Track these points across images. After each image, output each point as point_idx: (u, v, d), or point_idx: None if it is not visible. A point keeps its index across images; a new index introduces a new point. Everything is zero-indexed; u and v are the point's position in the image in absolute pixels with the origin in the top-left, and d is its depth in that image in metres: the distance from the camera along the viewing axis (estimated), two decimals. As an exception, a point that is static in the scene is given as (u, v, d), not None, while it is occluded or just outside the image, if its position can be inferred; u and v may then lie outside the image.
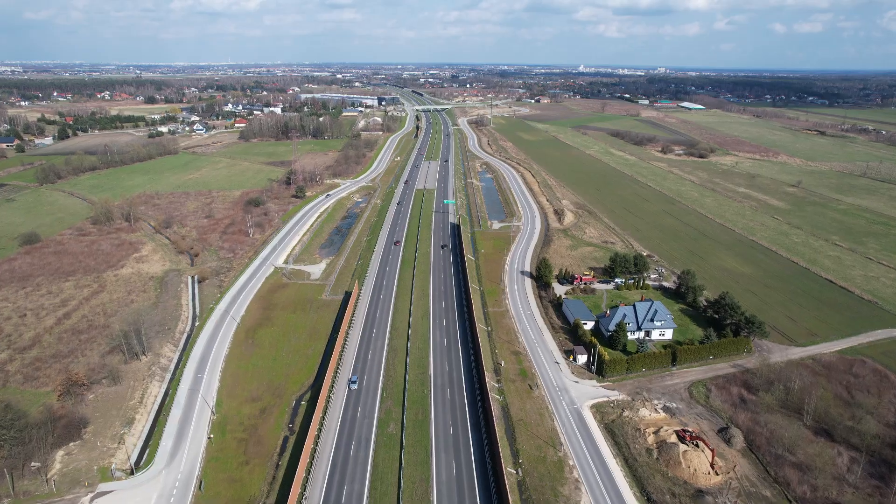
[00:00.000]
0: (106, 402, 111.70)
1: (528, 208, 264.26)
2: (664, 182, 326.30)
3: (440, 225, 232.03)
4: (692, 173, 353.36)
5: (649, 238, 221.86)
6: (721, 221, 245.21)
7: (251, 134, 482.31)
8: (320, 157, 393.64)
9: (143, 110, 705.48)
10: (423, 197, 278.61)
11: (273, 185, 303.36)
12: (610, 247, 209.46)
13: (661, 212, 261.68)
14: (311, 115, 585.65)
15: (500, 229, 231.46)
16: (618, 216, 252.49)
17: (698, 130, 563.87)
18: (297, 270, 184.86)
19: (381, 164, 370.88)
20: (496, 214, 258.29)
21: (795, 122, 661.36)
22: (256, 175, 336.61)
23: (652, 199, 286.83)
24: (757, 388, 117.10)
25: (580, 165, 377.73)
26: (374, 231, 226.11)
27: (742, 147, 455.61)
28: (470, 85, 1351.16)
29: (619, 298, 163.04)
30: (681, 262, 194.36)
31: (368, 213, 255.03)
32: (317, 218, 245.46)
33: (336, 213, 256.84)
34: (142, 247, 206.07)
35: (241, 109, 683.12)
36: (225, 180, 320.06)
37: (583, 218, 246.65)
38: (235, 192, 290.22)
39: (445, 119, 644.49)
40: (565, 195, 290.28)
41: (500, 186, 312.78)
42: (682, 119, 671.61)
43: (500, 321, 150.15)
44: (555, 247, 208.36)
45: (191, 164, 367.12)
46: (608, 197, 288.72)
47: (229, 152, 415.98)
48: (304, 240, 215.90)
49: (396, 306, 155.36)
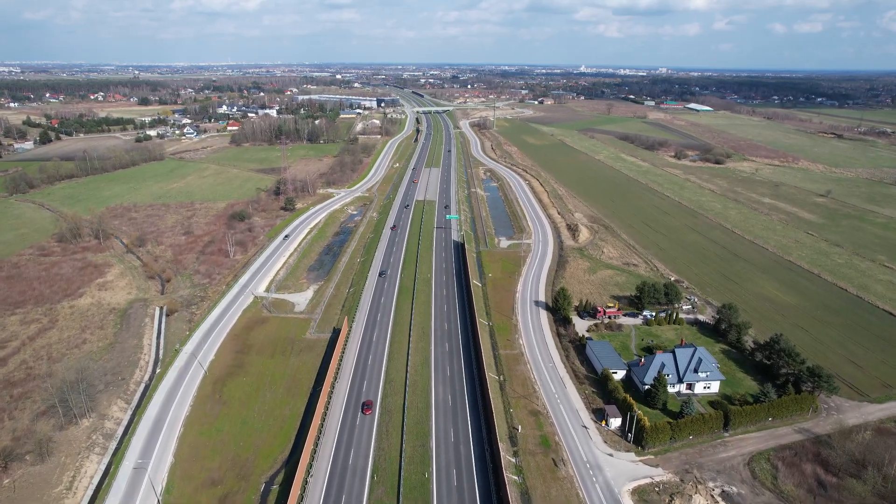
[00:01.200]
0: (23, 492, 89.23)
1: (539, 222, 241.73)
2: (682, 192, 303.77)
3: (442, 244, 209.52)
4: (710, 181, 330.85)
5: (674, 259, 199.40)
6: (751, 238, 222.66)
7: (243, 138, 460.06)
8: (314, 164, 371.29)
9: (134, 112, 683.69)
10: (424, 209, 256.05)
11: (261, 196, 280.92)
12: (632, 270, 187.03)
13: (683, 227, 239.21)
14: (307, 118, 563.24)
15: (509, 248, 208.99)
16: (637, 232, 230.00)
17: (710, 134, 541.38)
18: (279, 301, 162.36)
19: (379, 172, 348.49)
20: (503, 230, 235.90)
21: (808, 124, 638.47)
22: (244, 184, 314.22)
23: (672, 211, 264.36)
24: (838, 466, 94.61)
25: (590, 172, 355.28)
26: (368, 251, 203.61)
27: (758, 152, 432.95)
28: (471, 85, 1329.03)
29: (650, 337, 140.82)
30: (714, 289, 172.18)
31: (363, 229, 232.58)
32: (306, 234, 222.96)
33: (328, 228, 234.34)
34: (108, 270, 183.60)
35: (236, 111, 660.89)
36: (210, 190, 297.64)
37: (599, 234, 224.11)
38: (220, 204, 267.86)
39: (446, 121, 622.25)
40: (577, 207, 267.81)
41: (506, 197, 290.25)
42: (692, 121, 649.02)
43: (514, 368, 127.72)
44: (571, 270, 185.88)
45: (176, 172, 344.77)
46: (624, 209, 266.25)
47: (218, 158, 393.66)
48: (290, 261, 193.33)
49: (392, 350, 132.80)
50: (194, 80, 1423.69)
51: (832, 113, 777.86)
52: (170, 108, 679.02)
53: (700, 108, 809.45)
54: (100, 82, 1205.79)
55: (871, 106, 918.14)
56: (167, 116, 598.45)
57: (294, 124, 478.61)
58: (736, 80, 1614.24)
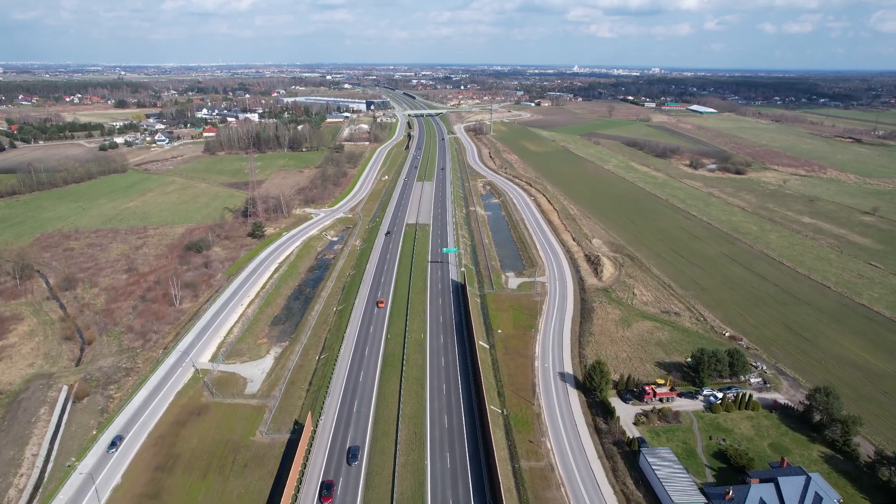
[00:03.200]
0: None
1: (551, 252, 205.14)
2: (708, 209, 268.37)
3: (438, 285, 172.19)
4: (736, 195, 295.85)
5: (721, 302, 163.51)
6: (804, 272, 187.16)
7: (218, 146, 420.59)
8: (293, 176, 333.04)
9: (108, 116, 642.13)
10: (416, 237, 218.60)
11: (227, 219, 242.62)
12: (675, 321, 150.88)
13: (721, 256, 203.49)
14: (290, 123, 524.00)
15: (520, 288, 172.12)
16: (669, 264, 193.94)
17: (721, 139, 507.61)
18: (227, 376, 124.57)
19: (365, 186, 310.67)
20: (511, 261, 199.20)
21: (821, 127, 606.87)
22: (211, 202, 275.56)
23: (702, 234, 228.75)
24: None
25: (602, 185, 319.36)
26: (348, 294, 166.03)
27: (779, 159, 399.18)
28: (464, 86, 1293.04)
29: (721, 432, 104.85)
30: (781, 349, 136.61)
31: (344, 263, 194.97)
32: (274, 271, 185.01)
33: (301, 262, 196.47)
34: (15, 326, 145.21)
35: (215, 115, 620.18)
36: (170, 211, 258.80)
37: (626, 268, 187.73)
38: (178, 229, 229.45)
39: (440, 126, 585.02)
40: (594, 230, 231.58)
41: (510, 217, 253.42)
42: (698, 125, 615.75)
43: (543, 495, 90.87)
44: (600, 322, 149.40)
45: (136, 187, 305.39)
46: (647, 232, 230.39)
47: (187, 170, 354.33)
48: (248, 312, 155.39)
49: (371, 468, 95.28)
50: (179, 82, 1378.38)
51: (840, 114, 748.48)
52: (143, 113, 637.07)
53: (704, 110, 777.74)
54: (78, 84, 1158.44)
55: (875, 107, 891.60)
56: (139, 121, 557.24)
57: (274, 130, 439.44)
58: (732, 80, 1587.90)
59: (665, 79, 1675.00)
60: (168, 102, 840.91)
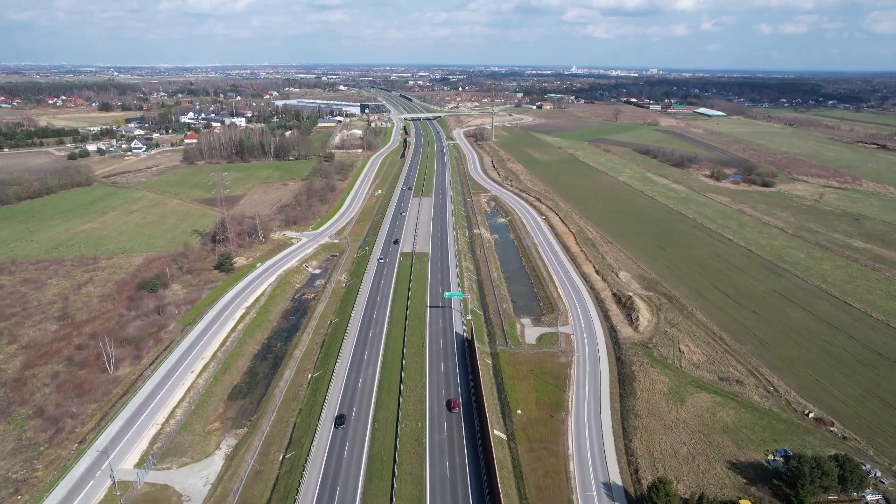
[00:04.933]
0: None
1: (573, 290, 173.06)
2: (743, 230, 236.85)
3: (439, 341, 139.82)
4: (770, 213, 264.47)
5: (791, 363, 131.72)
6: (881, 316, 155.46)
7: (198, 154, 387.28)
8: (276, 191, 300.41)
9: (88, 120, 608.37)
10: (413, 270, 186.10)
11: (194, 246, 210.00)
12: (739, 393, 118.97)
13: (772, 294, 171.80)
14: (278, 129, 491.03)
15: (540, 343, 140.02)
16: (714, 307, 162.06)
17: (737, 145, 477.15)
18: (156, 492, 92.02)
19: (356, 204, 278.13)
20: (525, 302, 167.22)
21: (838, 132, 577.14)
22: (180, 223, 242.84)
23: (744, 264, 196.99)
24: None
25: (619, 201, 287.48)
26: (327, 356, 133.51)
27: (805, 169, 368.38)
28: (462, 88, 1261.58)
29: None
30: (889, 438, 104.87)
31: (325, 306, 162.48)
32: (239, 319, 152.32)
33: (274, 304, 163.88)
34: None
35: (200, 120, 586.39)
36: (130, 234, 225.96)
37: (665, 313, 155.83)
38: (135, 259, 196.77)
39: (438, 131, 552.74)
40: (619, 259, 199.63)
41: (520, 242, 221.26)
42: (709, 129, 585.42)
43: None
44: (645, 395, 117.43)
45: (98, 205, 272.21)
46: (681, 261, 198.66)
47: (161, 182, 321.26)
48: (200, 383, 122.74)
49: None
50: (170, 83, 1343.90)
51: (853, 117, 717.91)
52: (122, 117, 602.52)
53: (712, 113, 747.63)
54: (64, 85, 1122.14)
55: (887, 109, 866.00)
56: (118, 126, 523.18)
57: (259, 137, 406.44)
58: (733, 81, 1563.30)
59: (665, 80, 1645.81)
60: (155, 105, 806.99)
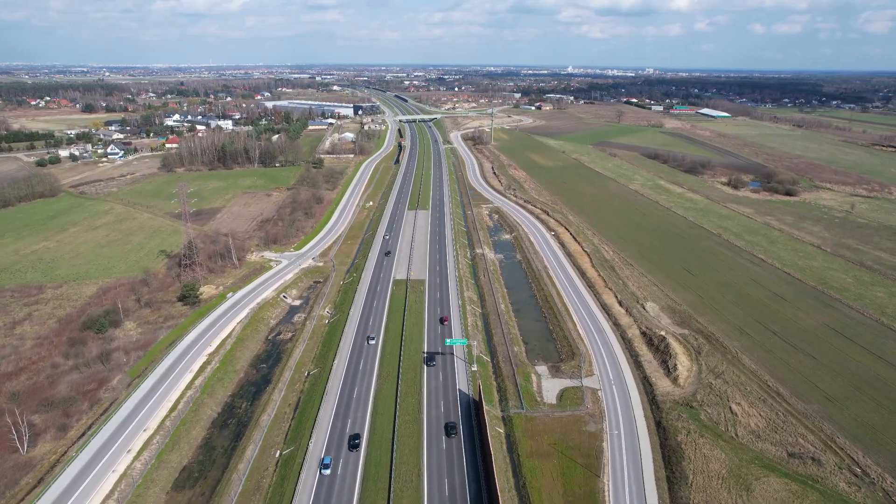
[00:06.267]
0: None
1: (594, 328, 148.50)
2: (774, 248, 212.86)
3: (439, 405, 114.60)
4: (800, 227, 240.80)
5: (873, 430, 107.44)
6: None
7: (178, 161, 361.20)
8: (258, 202, 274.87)
9: (68, 122, 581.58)
10: (407, 302, 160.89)
11: (158, 271, 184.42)
12: (818, 476, 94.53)
13: (825, 330, 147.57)
14: (266, 132, 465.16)
15: (562, 403, 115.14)
16: (762, 348, 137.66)
17: (749, 148, 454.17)
18: None
19: (344, 218, 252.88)
20: (538, 342, 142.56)
21: (850, 133, 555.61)
22: (147, 242, 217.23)
23: (784, 291, 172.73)
24: None
25: (633, 213, 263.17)
26: (301, 423, 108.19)
27: (826, 175, 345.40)
28: (458, 88, 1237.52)
29: None
30: None
31: (304, 350, 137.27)
32: (199, 370, 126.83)
33: (243, 348, 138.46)
34: None
35: (185, 123, 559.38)
36: (88, 256, 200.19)
37: (706, 358, 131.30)
38: (87, 288, 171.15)
39: (434, 134, 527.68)
40: (642, 286, 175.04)
41: (529, 264, 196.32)
42: (716, 131, 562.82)
43: None
44: (699, 481, 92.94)
45: (58, 219, 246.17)
46: (712, 288, 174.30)
47: (134, 192, 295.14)
48: (136, 468, 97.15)
49: None
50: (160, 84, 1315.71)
51: (861, 118, 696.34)
52: (104, 119, 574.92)
53: (716, 114, 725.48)
54: (49, 86, 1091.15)
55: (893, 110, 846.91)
56: (97, 130, 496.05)
57: (244, 142, 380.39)
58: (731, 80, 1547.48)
59: (663, 80, 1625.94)
60: (141, 107, 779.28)
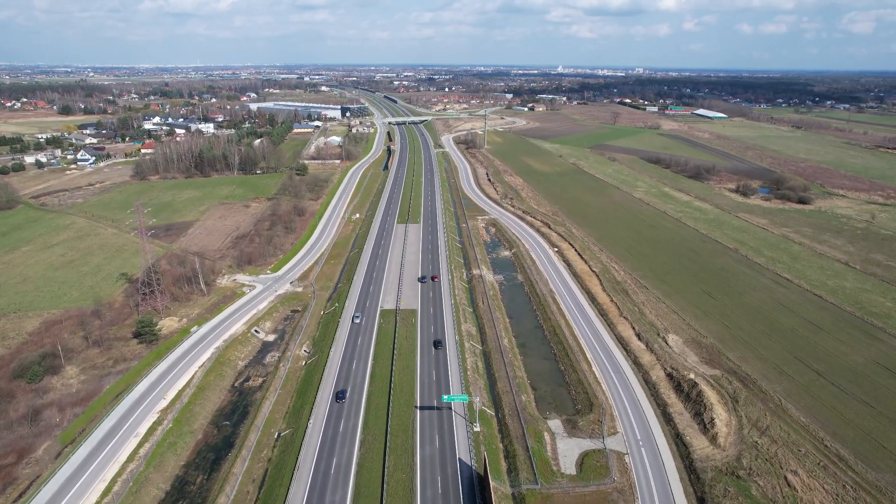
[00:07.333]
0: None
1: (612, 368, 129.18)
2: (799, 266, 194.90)
3: (435, 480, 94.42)
4: (820, 239, 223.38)
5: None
6: None
7: (151, 168, 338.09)
8: (235, 214, 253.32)
9: (40, 125, 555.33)
10: (397, 341, 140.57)
11: (115, 300, 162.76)
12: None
13: (876, 369, 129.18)
14: (248, 136, 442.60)
15: (583, 475, 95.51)
16: (811, 396, 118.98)
17: (751, 151, 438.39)
18: None
19: (328, 233, 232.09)
20: (549, 389, 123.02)
21: (850, 134, 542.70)
22: (107, 263, 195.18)
23: (820, 319, 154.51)
24: None
25: (641, 225, 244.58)
26: None
27: (838, 180, 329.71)
28: (448, 88, 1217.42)
29: None
30: None
31: (275, 402, 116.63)
32: (147, 432, 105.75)
33: (204, 400, 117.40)
34: None
35: (164, 126, 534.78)
36: (37, 281, 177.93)
37: (746, 408, 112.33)
38: (29, 322, 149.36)
39: (425, 137, 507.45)
40: (661, 313, 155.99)
41: (532, 287, 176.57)
42: (716, 133, 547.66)
43: None
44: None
45: (10, 236, 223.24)
46: (739, 315, 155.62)
47: (100, 204, 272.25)
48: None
49: None
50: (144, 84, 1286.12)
51: (860, 119, 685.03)
52: (79, 122, 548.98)
53: (712, 115, 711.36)
54: (26, 87, 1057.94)
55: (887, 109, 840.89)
56: (70, 133, 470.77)
57: (224, 147, 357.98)
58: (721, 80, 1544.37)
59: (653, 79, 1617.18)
60: (122, 108, 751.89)
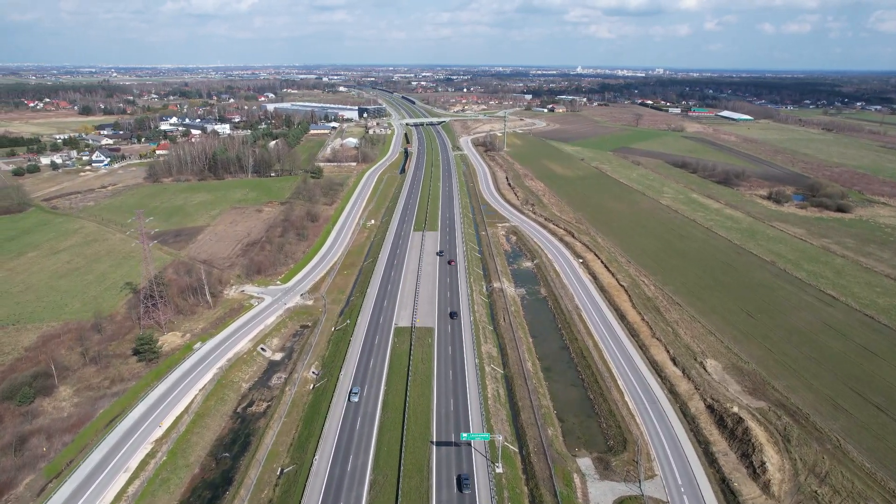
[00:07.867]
0: None
1: (646, 398, 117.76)
2: (844, 281, 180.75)
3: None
4: (865, 252, 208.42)
5: None
6: None
7: (165, 170, 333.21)
8: (247, 219, 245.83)
9: (60, 126, 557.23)
10: (412, 364, 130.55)
11: (117, 311, 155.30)
12: None
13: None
14: (264, 137, 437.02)
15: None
16: (873, 435, 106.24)
17: (781, 155, 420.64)
18: None
19: (341, 240, 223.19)
20: (578, 422, 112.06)
21: (885, 137, 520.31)
22: (112, 271, 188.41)
23: (873, 343, 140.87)
24: None
25: (670, 235, 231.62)
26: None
27: (877, 187, 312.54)
28: (466, 89, 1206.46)
29: None
30: None
31: (279, 431, 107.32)
32: (139, 466, 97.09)
33: (201, 430, 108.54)
34: None
35: (180, 127, 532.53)
36: (40, 290, 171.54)
37: (800, 449, 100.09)
38: (25, 336, 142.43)
39: (443, 138, 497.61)
40: (697, 334, 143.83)
41: (556, 303, 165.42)
42: (741, 135, 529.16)
43: None
44: None
45: (19, 240, 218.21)
46: (782, 338, 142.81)
47: (111, 207, 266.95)
48: None
49: None
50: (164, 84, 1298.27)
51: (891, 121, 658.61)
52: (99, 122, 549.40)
53: (738, 117, 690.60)
54: (50, 87, 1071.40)
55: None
56: (87, 134, 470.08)
57: (238, 149, 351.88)
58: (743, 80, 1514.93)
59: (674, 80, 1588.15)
60: (141, 108, 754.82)
